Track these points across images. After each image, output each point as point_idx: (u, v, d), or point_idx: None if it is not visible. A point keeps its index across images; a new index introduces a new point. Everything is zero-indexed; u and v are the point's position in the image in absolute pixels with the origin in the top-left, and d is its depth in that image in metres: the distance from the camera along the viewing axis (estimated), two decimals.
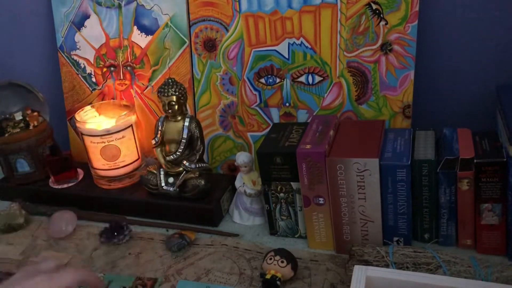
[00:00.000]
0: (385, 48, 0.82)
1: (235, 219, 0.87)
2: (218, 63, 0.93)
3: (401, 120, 0.84)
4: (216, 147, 0.98)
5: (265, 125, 0.93)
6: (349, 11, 0.82)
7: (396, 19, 0.80)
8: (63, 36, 1.05)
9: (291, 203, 0.77)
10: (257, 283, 0.70)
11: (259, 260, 0.75)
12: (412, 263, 0.64)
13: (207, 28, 0.92)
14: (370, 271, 0.56)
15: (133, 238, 0.83)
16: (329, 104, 0.88)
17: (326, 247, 0.77)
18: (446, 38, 0.83)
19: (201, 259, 0.77)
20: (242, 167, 0.83)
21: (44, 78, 1.13)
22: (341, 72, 0.86)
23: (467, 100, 0.85)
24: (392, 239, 0.73)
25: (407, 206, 0.70)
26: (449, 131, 0.75)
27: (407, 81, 0.82)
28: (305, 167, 0.71)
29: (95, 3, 1.00)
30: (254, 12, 0.88)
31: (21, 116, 0.99)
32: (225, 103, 0.95)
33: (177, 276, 0.73)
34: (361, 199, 0.70)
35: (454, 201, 0.70)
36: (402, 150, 0.71)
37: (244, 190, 0.84)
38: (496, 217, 0.68)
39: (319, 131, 0.76)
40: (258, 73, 0.91)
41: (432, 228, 0.73)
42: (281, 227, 0.80)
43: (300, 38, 0.86)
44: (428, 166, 0.68)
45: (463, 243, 0.72)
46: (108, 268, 0.76)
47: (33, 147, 0.97)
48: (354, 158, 0.68)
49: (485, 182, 0.67)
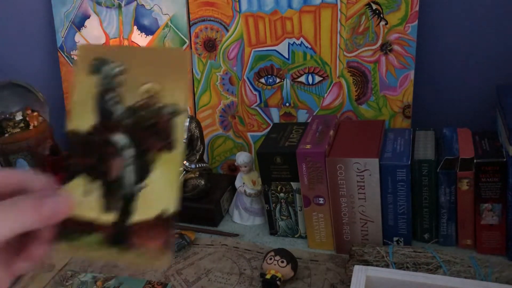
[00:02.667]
0: (385, 48, 0.82)
1: (235, 219, 0.87)
2: (218, 63, 0.93)
3: (401, 120, 0.84)
4: (216, 147, 0.98)
5: (265, 125, 0.93)
6: (349, 11, 0.82)
7: (396, 19, 0.80)
8: (63, 36, 1.05)
9: (291, 203, 0.77)
10: (257, 283, 0.70)
11: (259, 260, 0.75)
12: (412, 263, 0.63)
13: (207, 28, 0.92)
14: (370, 271, 0.56)
15: None
16: (329, 104, 0.88)
17: (326, 247, 0.77)
18: (446, 38, 0.83)
19: (201, 259, 0.77)
20: (242, 167, 0.83)
21: (44, 78, 1.13)
22: (341, 72, 0.86)
23: (467, 100, 0.85)
24: (392, 239, 0.73)
25: (407, 206, 0.70)
26: (449, 131, 0.75)
27: (407, 81, 0.82)
28: (305, 167, 0.71)
29: (95, 3, 1.00)
30: (254, 12, 0.88)
31: (21, 116, 0.99)
32: (225, 103, 0.95)
33: (177, 276, 0.73)
34: (361, 199, 0.70)
35: (454, 201, 0.70)
36: (402, 150, 0.71)
37: (244, 190, 0.84)
38: (496, 217, 0.68)
39: (319, 131, 0.76)
40: (258, 73, 0.91)
41: (432, 228, 0.73)
42: (281, 227, 0.80)
43: (300, 38, 0.86)
44: (428, 166, 0.68)
45: (463, 243, 0.72)
46: (108, 268, 0.76)
47: (33, 147, 0.97)
48: (354, 158, 0.68)
49: (485, 182, 0.67)
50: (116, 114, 0.35)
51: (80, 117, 0.35)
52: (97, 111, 0.35)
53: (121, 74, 0.35)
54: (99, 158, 0.35)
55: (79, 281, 0.73)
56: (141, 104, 0.35)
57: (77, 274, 0.74)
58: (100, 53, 0.35)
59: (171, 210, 0.34)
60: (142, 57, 0.35)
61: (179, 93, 0.34)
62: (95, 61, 0.35)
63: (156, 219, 0.34)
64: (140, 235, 0.34)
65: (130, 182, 0.34)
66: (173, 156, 0.34)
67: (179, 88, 0.34)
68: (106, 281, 0.72)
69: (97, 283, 0.72)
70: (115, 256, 0.34)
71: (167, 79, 0.34)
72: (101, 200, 0.34)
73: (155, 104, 0.34)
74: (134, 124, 0.35)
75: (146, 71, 0.35)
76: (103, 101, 0.35)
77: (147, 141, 0.34)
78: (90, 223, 0.34)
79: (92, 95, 0.35)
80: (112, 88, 0.35)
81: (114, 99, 0.35)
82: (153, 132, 0.34)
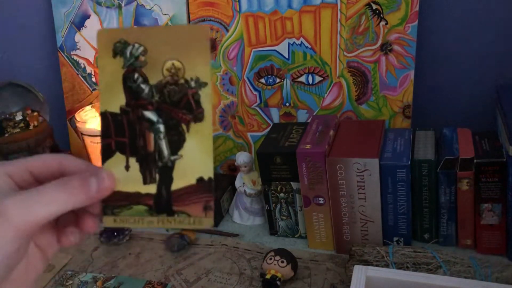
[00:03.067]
0: (385, 48, 0.82)
1: (235, 219, 0.87)
2: (218, 63, 0.93)
3: (401, 120, 0.84)
4: (216, 147, 0.98)
5: (265, 125, 0.93)
6: (349, 11, 0.82)
7: (396, 19, 0.80)
8: (63, 36, 1.05)
9: (291, 203, 0.77)
10: (257, 283, 0.70)
11: (259, 260, 0.75)
12: (412, 263, 0.63)
13: None
14: (370, 271, 0.56)
15: (133, 238, 0.83)
16: (329, 104, 0.88)
17: (326, 247, 0.77)
18: (446, 38, 0.83)
19: (201, 259, 0.77)
20: (242, 167, 0.83)
21: (44, 78, 1.13)
22: (341, 72, 0.86)
23: (467, 100, 0.85)
24: (392, 239, 0.73)
25: (407, 206, 0.70)
26: (449, 131, 0.75)
27: (407, 81, 0.82)
28: (305, 167, 0.71)
29: (95, 3, 1.00)
30: (254, 12, 0.88)
31: (21, 116, 0.99)
32: (225, 103, 0.95)
33: (177, 276, 0.73)
34: (361, 199, 0.70)
35: (454, 201, 0.70)
36: (402, 150, 0.71)
37: (244, 190, 0.84)
38: (496, 217, 0.68)
39: (319, 131, 0.76)
40: (258, 73, 0.91)
41: (432, 228, 0.73)
42: (281, 227, 0.80)
43: (300, 38, 0.86)
44: (428, 166, 0.68)
45: (463, 243, 0.72)
46: (108, 268, 0.76)
47: (33, 147, 0.97)
48: (354, 158, 0.68)
49: (485, 182, 0.67)
50: (144, 93, 0.37)
51: (110, 99, 0.37)
52: (125, 91, 0.37)
53: (144, 54, 0.36)
54: (133, 135, 0.37)
55: (79, 281, 0.73)
56: (167, 81, 0.36)
57: (77, 274, 0.74)
58: (120, 36, 0.36)
59: (207, 176, 0.36)
60: (162, 36, 0.36)
61: (202, 67, 0.36)
62: (117, 43, 0.36)
63: (195, 185, 0.36)
64: (181, 201, 0.36)
65: (165, 154, 0.37)
66: (203, 126, 0.36)
67: (201, 63, 0.36)
68: (106, 281, 0.72)
69: (97, 283, 0.72)
70: (160, 223, 0.37)
71: (189, 55, 0.36)
72: (140, 174, 0.37)
73: (179, 79, 0.36)
74: (162, 100, 0.36)
75: (167, 49, 0.36)
76: (130, 82, 0.37)
77: (177, 115, 0.36)
78: (133, 195, 0.37)
79: (118, 77, 0.37)
80: (137, 68, 0.37)
81: (140, 79, 0.37)
82: (181, 106, 0.36)
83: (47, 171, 0.36)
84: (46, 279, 0.74)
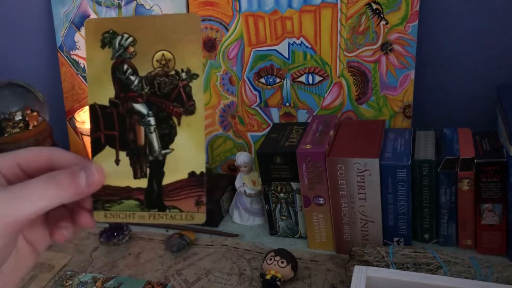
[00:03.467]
0: (386, 48, 0.82)
1: (235, 219, 0.86)
2: (218, 63, 0.93)
3: (401, 120, 0.84)
4: (216, 147, 0.98)
5: (265, 125, 0.93)
6: (349, 10, 0.82)
7: (397, 19, 0.80)
8: (63, 36, 1.04)
9: (291, 203, 0.77)
10: (257, 283, 0.70)
11: (259, 260, 0.75)
12: (413, 263, 0.63)
13: (207, 28, 0.92)
14: (370, 272, 0.56)
15: (133, 238, 0.83)
16: (329, 104, 0.88)
17: (326, 247, 0.77)
18: (446, 38, 0.83)
19: (201, 259, 0.77)
20: (242, 167, 0.83)
21: (44, 78, 1.13)
22: (341, 72, 0.85)
23: (468, 100, 0.85)
24: (392, 239, 0.73)
25: (407, 206, 0.70)
26: (449, 131, 0.75)
27: (407, 81, 0.82)
28: (305, 167, 0.71)
29: (95, 3, 1.00)
30: (254, 12, 0.87)
31: (21, 116, 0.99)
32: (225, 103, 0.95)
33: (177, 277, 0.73)
34: (361, 199, 0.70)
35: (454, 201, 0.70)
36: (402, 150, 0.71)
37: (244, 190, 0.84)
38: (497, 217, 0.68)
39: (319, 131, 0.76)
40: (258, 73, 0.91)
41: (432, 228, 0.73)
42: (281, 227, 0.80)
43: (300, 38, 0.86)
44: (428, 166, 0.68)
45: (463, 243, 0.72)
46: (108, 268, 0.76)
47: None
48: (354, 158, 0.68)
49: (486, 182, 0.67)
50: (133, 85, 0.36)
51: (99, 91, 0.36)
52: (114, 83, 0.36)
53: (133, 44, 0.35)
54: (123, 128, 0.36)
55: (78, 281, 0.73)
56: (156, 72, 0.35)
57: (77, 274, 0.74)
58: (109, 26, 0.35)
59: (199, 171, 0.35)
60: (152, 25, 0.35)
61: (193, 58, 0.35)
62: (106, 34, 0.36)
63: (187, 179, 0.36)
64: (173, 196, 0.36)
65: (156, 148, 0.36)
66: (195, 119, 0.35)
67: (192, 53, 0.35)
68: (106, 281, 0.72)
69: (97, 283, 0.72)
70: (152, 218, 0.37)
71: (179, 45, 0.35)
72: (131, 168, 0.36)
73: (170, 71, 0.35)
74: (153, 92, 0.36)
75: (157, 39, 0.35)
76: (119, 73, 0.36)
77: (168, 107, 0.36)
78: (123, 190, 0.36)
79: (107, 68, 0.36)
80: (126, 59, 0.36)
81: (130, 70, 0.36)
82: (172, 98, 0.35)
83: (36, 165, 0.36)
84: (46, 279, 0.74)
